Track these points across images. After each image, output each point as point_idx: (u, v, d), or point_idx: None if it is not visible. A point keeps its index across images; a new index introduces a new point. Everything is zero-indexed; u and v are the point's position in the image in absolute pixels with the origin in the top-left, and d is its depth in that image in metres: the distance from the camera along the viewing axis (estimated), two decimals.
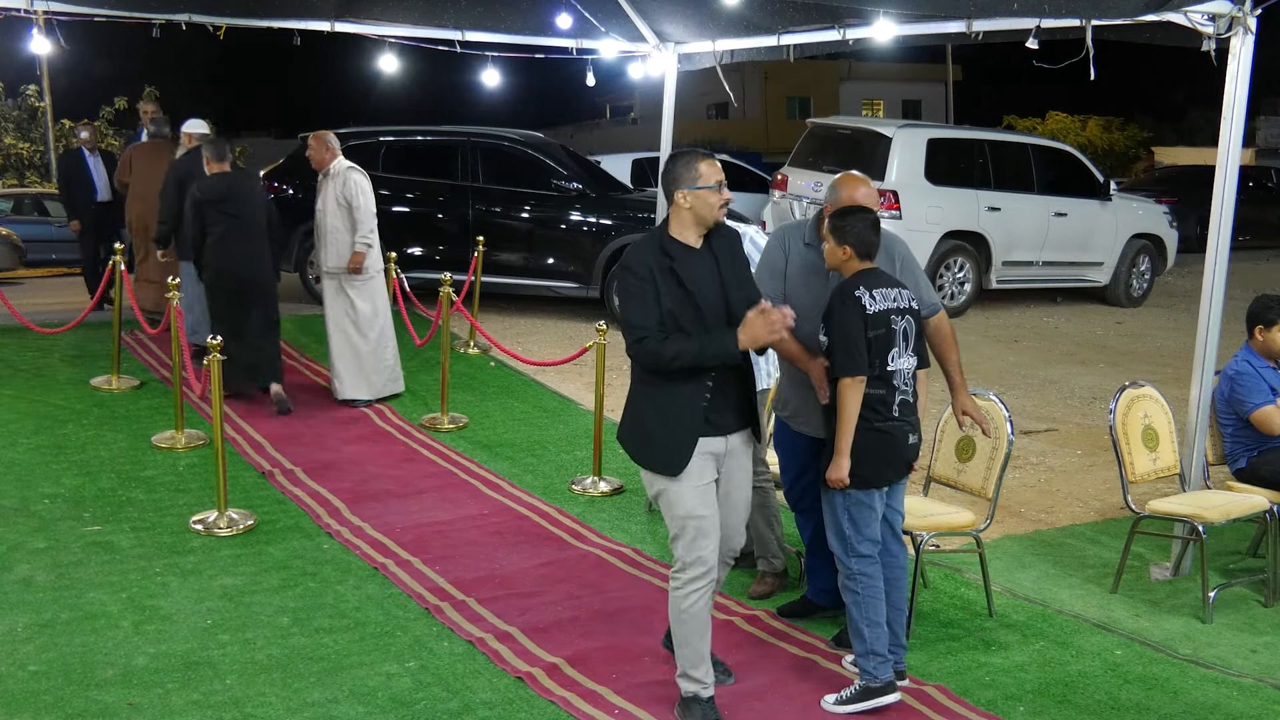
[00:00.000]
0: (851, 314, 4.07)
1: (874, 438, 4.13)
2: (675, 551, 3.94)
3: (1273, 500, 5.36)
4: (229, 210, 7.64)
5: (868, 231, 4.17)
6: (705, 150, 4.18)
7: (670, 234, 3.88)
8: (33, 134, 25.74)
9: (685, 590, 3.91)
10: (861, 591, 4.16)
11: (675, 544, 3.93)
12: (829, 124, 13.60)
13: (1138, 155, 36.68)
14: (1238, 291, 11.46)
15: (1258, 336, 5.66)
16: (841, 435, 4.06)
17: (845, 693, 4.14)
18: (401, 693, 4.16)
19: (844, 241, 4.17)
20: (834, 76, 44.22)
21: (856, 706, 4.10)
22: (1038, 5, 5.91)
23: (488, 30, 8.80)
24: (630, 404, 3.99)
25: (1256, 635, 4.94)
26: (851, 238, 4.16)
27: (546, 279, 11.10)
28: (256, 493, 6.26)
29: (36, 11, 7.59)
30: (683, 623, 3.93)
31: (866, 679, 4.12)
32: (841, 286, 4.16)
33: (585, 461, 6.93)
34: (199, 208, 7.64)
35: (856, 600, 4.16)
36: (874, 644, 4.11)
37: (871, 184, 4.49)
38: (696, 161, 3.87)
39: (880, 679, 4.10)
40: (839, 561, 4.23)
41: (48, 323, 9.21)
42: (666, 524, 3.98)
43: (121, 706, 3.99)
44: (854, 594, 4.17)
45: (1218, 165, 5.25)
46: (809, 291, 4.40)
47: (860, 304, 4.07)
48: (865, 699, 4.09)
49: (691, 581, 3.89)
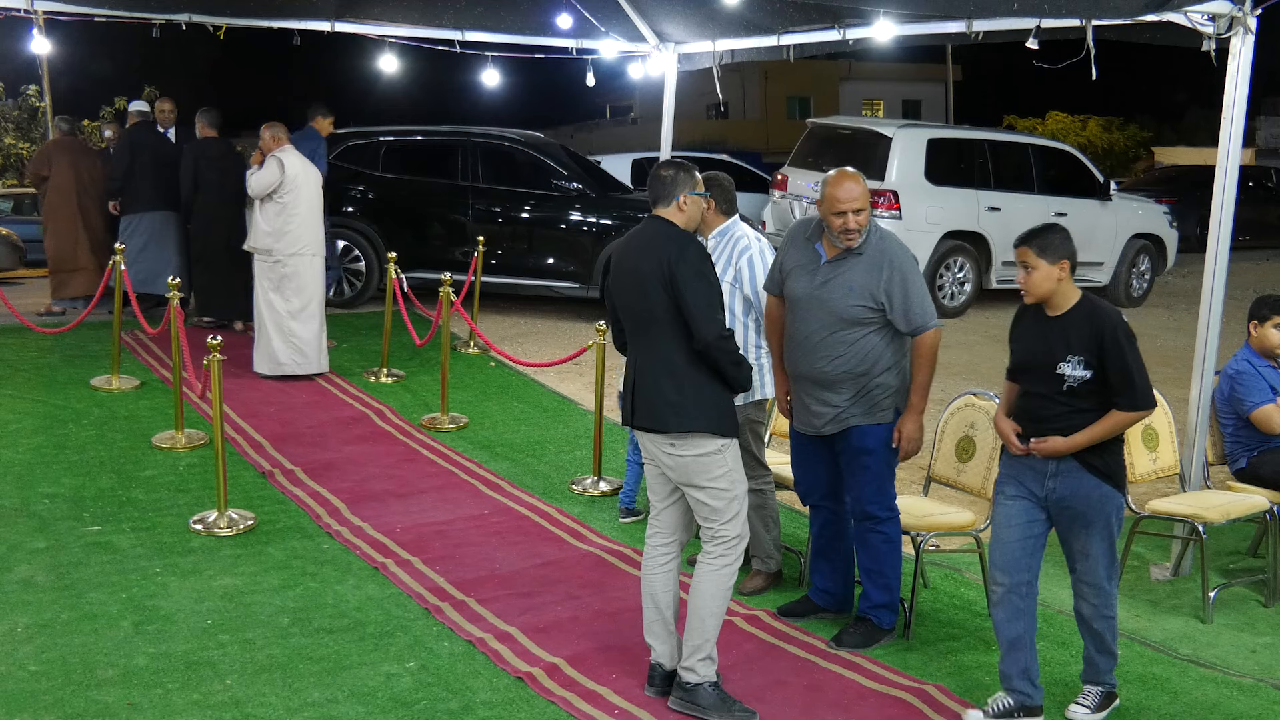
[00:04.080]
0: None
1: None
2: (726, 531, 4.05)
3: (1273, 500, 5.36)
4: (220, 167, 9.61)
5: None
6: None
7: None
8: (33, 134, 25.73)
9: (736, 564, 4.09)
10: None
11: (728, 523, 4.05)
12: (829, 124, 13.61)
13: (1138, 155, 36.68)
14: (1238, 291, 11.47)
15: (1252, 332, 5.68)
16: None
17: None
18: (401, 693, 4.16)
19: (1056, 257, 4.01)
20: (834, 76, 44.21)
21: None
22: (1038, 5, 5.91)
23: (488, 30, 8.81)
24: (691, 383, 4.00)
25: (1256, 635, 4.94)
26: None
27: (546, 279, 11.10)
28: (256, 493, 6.26)
29: (36, 11, 7.59)
30: (723, 597, 4.07)
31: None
32: (1116, 320, 4.00)
33: (585, 461, 6.93)
34: (196, 164, 9.54)
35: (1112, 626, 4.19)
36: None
37: (862, 180, 4.49)
38: (694, 170, 4.13)
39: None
40: (1106, 592, 4.16)
41: (48, 323, 9.21)
42: (713, 508, 4.02)
43: (121, 706, 3.99)
44: (1110, 620, 4.18)
45: (1218, 165, 5.26)
46: (799, 285, 4.58)
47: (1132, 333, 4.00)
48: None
49: (741, 553, 4.11)
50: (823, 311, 4.49)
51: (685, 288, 3.91)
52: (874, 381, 4.50)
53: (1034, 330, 4.11)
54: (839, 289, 4.46)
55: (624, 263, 4.16)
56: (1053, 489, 4.06)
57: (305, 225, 8.42)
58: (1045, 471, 4.06)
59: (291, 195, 8.33)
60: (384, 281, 8.97)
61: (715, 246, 5.07)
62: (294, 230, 8.35)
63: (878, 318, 4.46)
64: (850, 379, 4.49)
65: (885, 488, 4.62)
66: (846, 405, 4.52)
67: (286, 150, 8.44)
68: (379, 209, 11.19)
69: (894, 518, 4.64)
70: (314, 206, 8.51)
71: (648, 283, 4.00)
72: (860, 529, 4.65)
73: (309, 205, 8.44)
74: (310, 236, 8.46)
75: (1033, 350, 4.11)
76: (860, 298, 4.44)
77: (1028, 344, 4.15)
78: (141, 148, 10.05)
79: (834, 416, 4.55)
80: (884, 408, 4.54)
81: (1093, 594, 4.14)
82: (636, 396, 4.11)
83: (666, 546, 4.24)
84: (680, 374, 4.00)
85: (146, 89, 20.60)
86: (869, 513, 4.60)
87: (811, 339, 4.50)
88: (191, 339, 7.08)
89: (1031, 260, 3.98)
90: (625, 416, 4.21)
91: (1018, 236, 4.09)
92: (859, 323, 4.46)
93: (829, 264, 4.52)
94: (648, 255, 4.03)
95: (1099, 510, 4.05)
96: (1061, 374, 3.98)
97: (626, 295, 4.13)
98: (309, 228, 8.45)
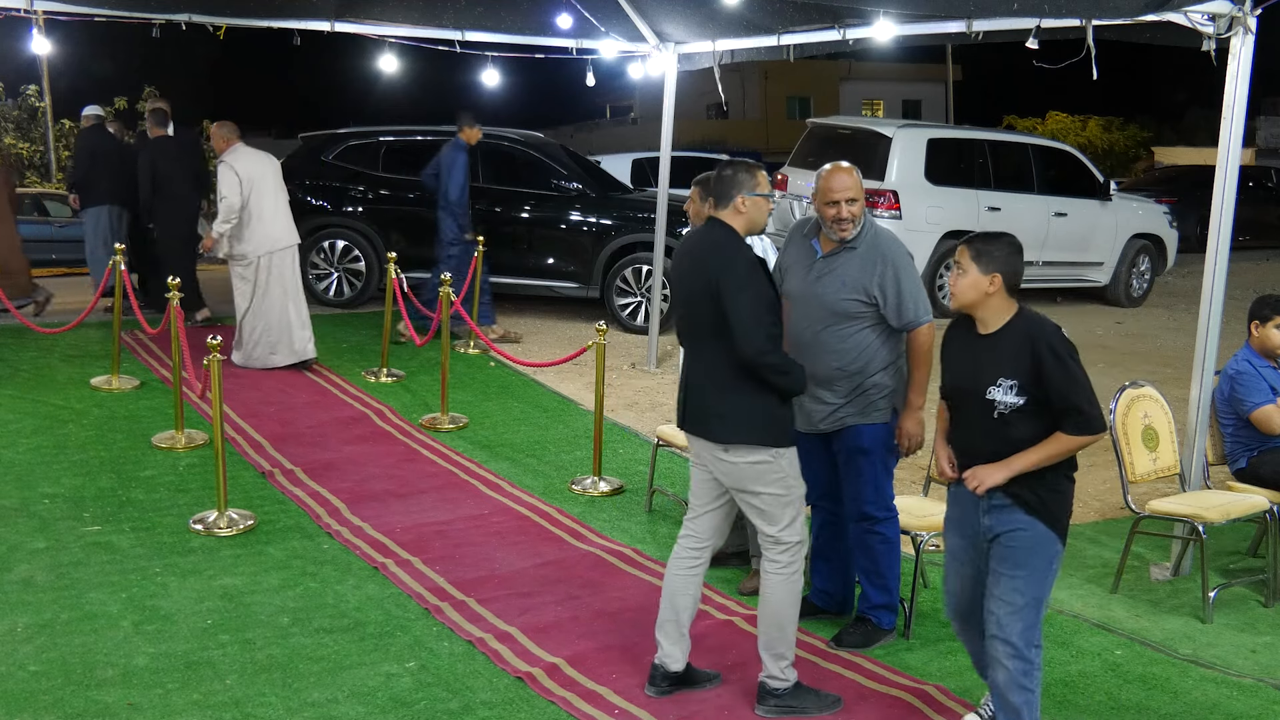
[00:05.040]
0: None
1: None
2: (786, 537, 4.01)
3: (1273, 500, 5.36)
4: (178, 165, 9.92)
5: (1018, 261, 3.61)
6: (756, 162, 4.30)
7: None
8: (33, 134, 25.74)
9: (801, 569, 4.05)
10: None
11: (786, 529, 4.00)
12: (829, 124, 13.61)
13: (1138, 155, 36.68)
14: (1238, 291, 11.48)
15: (1253, 332, 5.68)
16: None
17: None
18: (401, 693, 4.16)
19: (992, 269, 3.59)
20: (834, 76, 44.23)
21: None
22: (1038, 5, 5.91)
23: (488, 30, 8.80)
24: (738, 394, 3.96)
25: (1256, 635, 4.94)
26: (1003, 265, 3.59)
27: (547, 279, 11.10)
28: (256, 493, 6.26)
29: (36, 11, 7.59)
30: (796, 603, 4.04)
31: None
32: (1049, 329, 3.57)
33: (585, 461, 6.93)
34: (154, 164, 9.80)
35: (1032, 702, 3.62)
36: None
37: (856, 172, 4.49)
38: (756, 170, 4.08)
39: None
40: (1023, 658, 3.61)
41: (48, 323, 9.21)
42: (769, 514, 3.99)
43: (121, 706, 3.99)
44: (1029, 694, 3.61)
45: (1218, 165, 5.25)
46: (795, 281, 4.60)
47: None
48: None
49: (803, 559, 4.05)
50: (816, 306, 4.48)
51: (729, 301, 3.86)
52: (869, 380, 4.49)
53: (963, 351, 3.70)
54: (832, 283, 4.46)
55: (680, 265, 4.17)
56: (987, 526, 3.65)
57: (273, 222, 8.51)
58: (980, 506, 3.65)
59: (254, 197, 8.39)
60: (384, 281, 8.97)
61: None
62: (263, 230, 8.44)
63: (870, 313, 4.45)
64: (844, 376, 4.49)
65: (882, 488, 4.62)
66: (842, 403, 4.52)
67: (236, 151, 8.48)
68: (379, 209, 11.19)
69: (892, 518, 4.64)
70: (278, 201, 8.57)
71: (696, 292, 3.99)
72: (858, 529, 4.65)
73: (272, 200, 8.51)
74: (280, 231, 8.55)
75: (960, 373, 3.70)
76: (853, 292, 4.43)
77: (956, 366, 3.73)
78: (97, 151, 10.37)
79: (829, 414, 4.54)
80: (880, 408, 4.53)
81: (1007, 654, 3.57)
82: (688, 401, 4.11)
83: (698, 552, 4.20)
84: (726, 384, 3.97)
85: (146, 89, 20.62)
86: (866, 513, 4.60)
87: (805, 334, 4.50)
88: (191, 339, 7.09)
89: (965, 263, 3.61)
90: (678, 419, 4.21)
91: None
92: (851, 317, 4.45)
93: (824, 259, 4.52)
94: (699, 264, 4.01)
95: (1027, 553, 3.54)
96: (991, 400, 3.55)
97: (684, 300, 4.14)
98: (277, 223, 8.54)
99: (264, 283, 8.48)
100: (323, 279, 11.20)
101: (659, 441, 6.21)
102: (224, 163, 8.42)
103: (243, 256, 8.46)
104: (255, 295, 8.48)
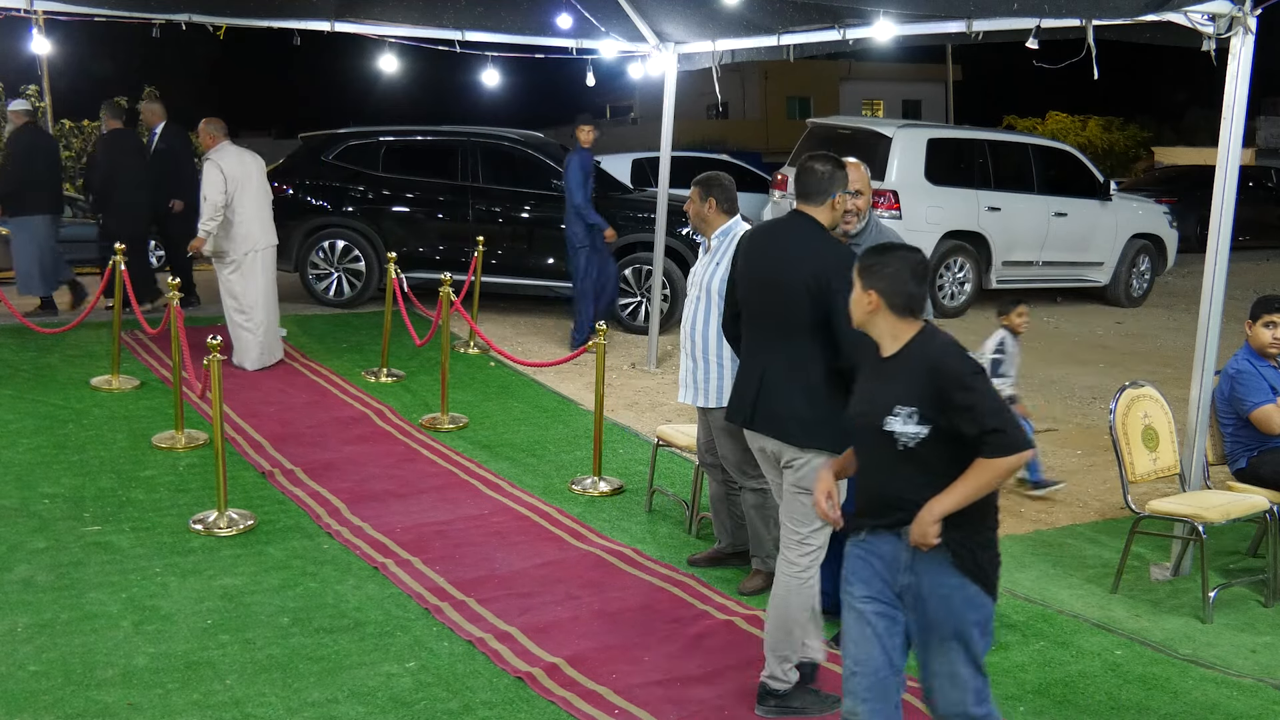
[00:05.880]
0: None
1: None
2: (813, 540, 4.02)
3: (1273, 500, 5.36)
4: (136, 157, 10.08)
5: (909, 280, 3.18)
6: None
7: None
8: None
9: (816, 573, 4.05)
10: None
11: (816, 532, 4.00)
12: (829, 124, 13.61)
13: (1138, 155, 36.65)
14: (1238, 291, 11.49)
15: (1246, 330, 5.69)
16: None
17: None
18: (401, 693, 4.16)
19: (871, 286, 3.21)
20: (834, 76, 44.23)
21: None
22: (1038, 5, 5.91)
23: (488, 30, 8.80)
24: (825, 400, 3.91)
25: (1256, 635, 4.94)
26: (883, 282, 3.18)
27: (546, 279, 11.09)
28: (256, 493, 6.25)
29: (36, 11, 7.59)
30: (807, 608, 4.04)
31: None
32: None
33: (585, 461, 6.93)
34: (111, 158, 10.01)
35: None
36: None
37: (864, 168, 4.50)
38: (847, 168, 4.13)
39: None
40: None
41: (48, 323, 9.21)
42: (807, 516, 3.98)
43: (121, 706, 3.99)
44: None
45: (1218, 165, 5.25)
46: None
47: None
48: None
49: (819, 565, 4.06)
50: None
51: (837, 303, 3.69)
52: None
53: (865, 378, 3.30)
54: None
55: (764, 258, 4.04)
56: (908, 585, 3.17)
57: (254, 221, 8.56)
58: (899, 562, 3.18)
59: (237, 195, 8.43)
60: (384, 281, 8.97)
61: (718, 246, 5.06)
62: (244, 230, 8.51)
63: None
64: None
65: None
66: None
67: (223, 149, 8.52)
68: (379, 209, 11.19)
69: None
70: (260, 200, 8.63)
71: (796, 290, 3.89)
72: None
73: (255, 199, 8.56)
74: (259, 231, 8.61)
75: (858, 400, 3.29)
76: None
77: (857, 394, 3.32)
78: (34, 149, 10.07)
79: None
80: None
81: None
82: (760, 401, 4.03)
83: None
84: (816, 389, 3.92)
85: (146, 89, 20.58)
86: None
87: None
88: (191, 339, 7.08)
89: (854, 276, 3.27)
90: (744, 417, 4.13)
91: None
92: None
93: None
94: (799, 261, 3.92)
95: (957, 619, 3.10)
96: (890, 431, 3.10)
97: (765, 293, 4.03)
98: (258, 223, 8.59)
99: (249, 279, 8.57)
100: (323, 279, 11.20)
101: (659, 441, 6.21)
102: (210, 160, 8.46)
103: (224, 254, 8.55)
104: (242, 293, 8.57)
